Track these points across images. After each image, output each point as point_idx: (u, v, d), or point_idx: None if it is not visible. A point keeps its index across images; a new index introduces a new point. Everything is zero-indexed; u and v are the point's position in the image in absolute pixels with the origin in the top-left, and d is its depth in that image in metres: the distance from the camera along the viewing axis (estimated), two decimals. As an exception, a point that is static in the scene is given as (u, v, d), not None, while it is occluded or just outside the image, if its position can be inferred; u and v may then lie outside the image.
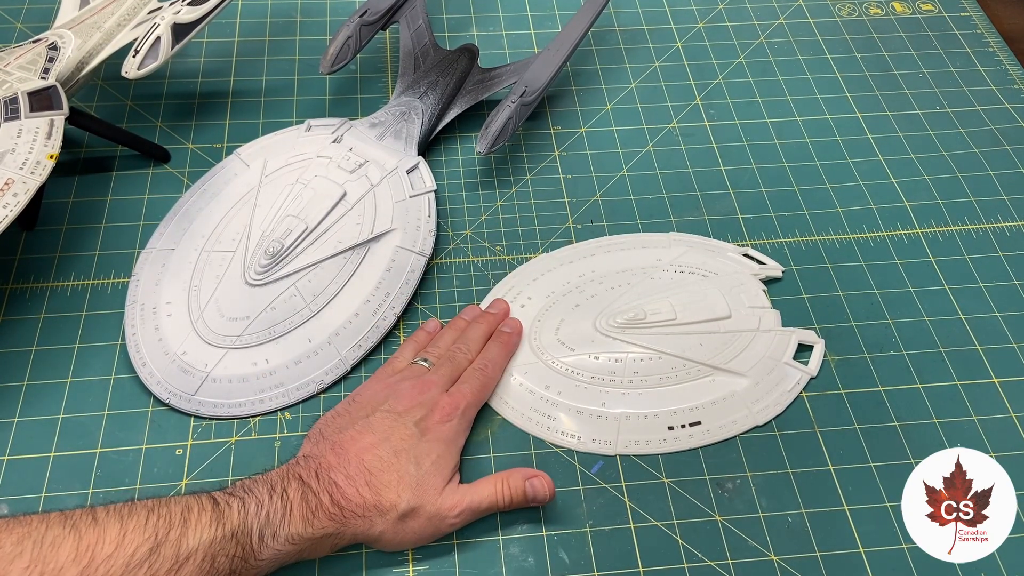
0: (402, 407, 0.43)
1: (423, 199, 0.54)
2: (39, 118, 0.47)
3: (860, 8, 0.72)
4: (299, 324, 0.48)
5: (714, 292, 0.51)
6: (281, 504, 0.37)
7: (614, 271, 0.53)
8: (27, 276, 0.51)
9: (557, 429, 0.47)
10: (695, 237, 0.55)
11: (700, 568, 0.42)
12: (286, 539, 0.36)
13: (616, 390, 0.48)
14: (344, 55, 0.57)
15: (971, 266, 0.55)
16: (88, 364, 0.48)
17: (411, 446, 0.41)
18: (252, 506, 0.36)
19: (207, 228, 0.52)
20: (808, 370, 0.49)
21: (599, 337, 0.49)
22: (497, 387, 0.48)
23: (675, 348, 0.49)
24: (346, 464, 0.40)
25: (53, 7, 0.61)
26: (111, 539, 0.33)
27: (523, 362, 0.49)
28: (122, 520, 0.33)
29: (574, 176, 0.59)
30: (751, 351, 0.49)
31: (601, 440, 0.46)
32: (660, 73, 0.66)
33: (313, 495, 0.38)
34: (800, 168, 0.60)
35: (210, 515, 0.35)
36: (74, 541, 0.32)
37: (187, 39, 0.53)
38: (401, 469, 0.40)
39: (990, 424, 0.48)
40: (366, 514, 0.39)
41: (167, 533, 0.34)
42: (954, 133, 0.62)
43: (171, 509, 0.35)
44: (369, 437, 0.41)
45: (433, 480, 0.40)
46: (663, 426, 0.47)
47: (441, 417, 0.43)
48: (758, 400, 0.48)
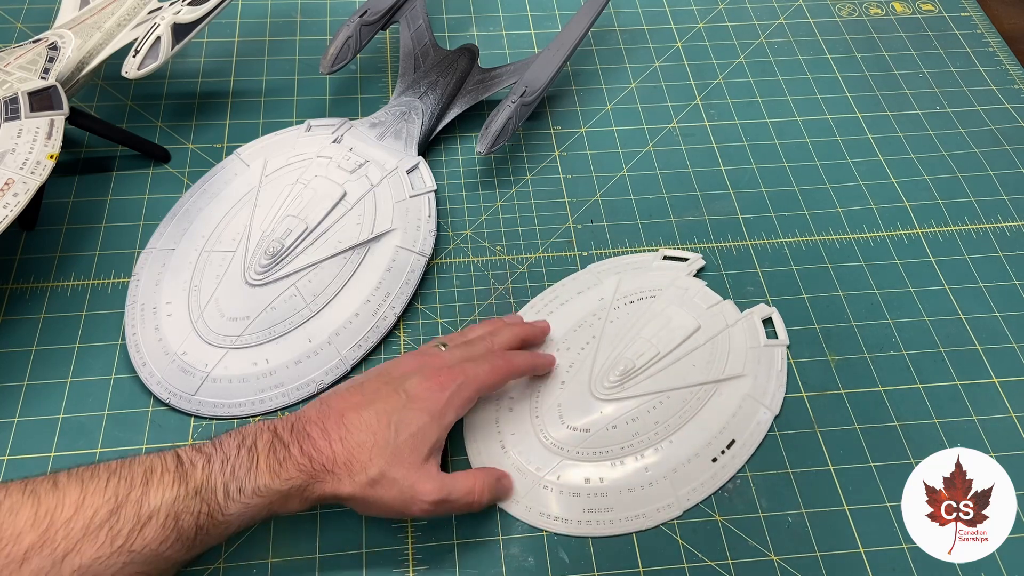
0: (397, 372, 0.41)
1: (423, 199, 0.54)
2: (39, 118, 0.47)
3: (860, 8, 0.72)
4: (299, 324, 0.49)
5: (674, 309, 0.50)
6: (248, 457, 0.36)
7: (571, 331, 0.50)
8: (27, 276, 0.51)
9: (622, 516, 0.43)
10: (611, 261, 0.54)
11: (700, 568, 0.42)
12: (253, 491, 0.36)
13: (649, 448, 0.45)
14: (344, 55, 0.57)
15: (971, 266, 0.55)
16: (88, 364, 0.48)
17: (394, 410, 0.39)
18: (218, 462, 0.36)
19: (207, 228, 0.52)
20: (781, 341, 0.50)
21: (603, 404, 0.46)
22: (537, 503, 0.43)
23: (676, 381, 0.47)
24: (325, 418, 0.39)
25: (53, 7, 0.61)
26: (71, 503, 0.32)
27: (553, 467, 0.45)
28: (82, 483, 0.33)
29: (574, 176, 0.59)
30: (735, 349, 0.49)
31: (664, 506, 0.44)
32: (660, 73, 0.66)
33: (283, 446, 0.37)
34: (800, 168, 0.60)
35: (173, 474, 0.34)
36: (32, 506, 0.32)
37: (187, 39, 0.53)
38: (379, 433, 0.38)
39: (990, 424, 0.48)
40: (335, 470, 0.37)
41: (128, 494, 0.33)
42: (954, 133, 0.62)
43: (133, 470, 0.34)
44: (356, 397, 0.40)
45: (409, 452, 0.39)
46: (707, 461, 0.45)
47: (433, 385, 0.40)
48: (765, 392, 0.48)
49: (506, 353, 0.45)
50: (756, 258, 0.54)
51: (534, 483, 0.44)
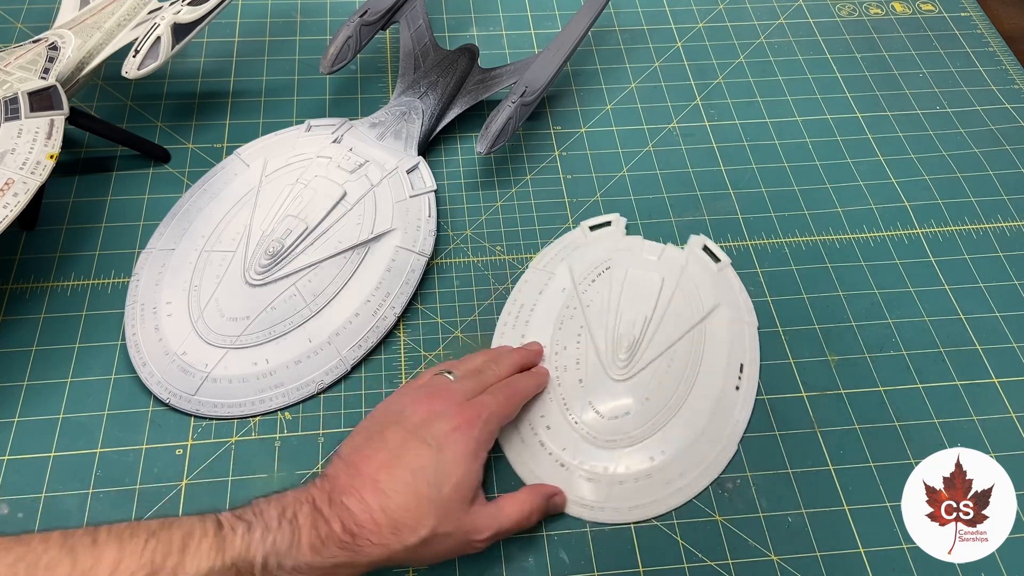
0: (417, 418, 0.40)
1: (423, 199, 0.54)
2: (39, 118, 0.47)
3: (860, 8, 0.72)
4: (299, 324, 0.49)
5: (635, 272, 0.52)
6: (290, 531, 0.35)
7: (557, 331, 0.50)
8: (27, 276, 0.51)
9: (675, 489, 0.45)
10: (550, 249, 0.54)
11: (700, 568, 0.42)
12: (293, 568, 0.35)
13: (675, 419, 0.46)
14: (344, 55, 0.57)
15: (971, 266, 0.55)
16: (88, 364, 0.48)
17: (429, 464, 0.38)
18: (258, 532, 0.34)
19: (207, 228, 0.52)
20: (724, 259, 0.53)
21: (625, 382, 0.47)
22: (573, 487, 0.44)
23: (676, 333, 0.49)
24: (360, 487, 0.37)
25: (53, 7, 0.61)
26: (106, 564, 0.32)
27: (590, 455, 0.45)
28: (121, 543, 0.32)
29: (574, 176, 0.59)
30: (700, 284, 0.52)
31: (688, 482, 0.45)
32: (660, 73, 0.66)
33: (324, 522, 0.36)
34: (800, 168, 0.60)
35: (211, 541, 0.34)
36: (70, 564, 0.31)
37: (187, 39, 0.53)
38: (420, 492, 0.37)
39: (990, 424, 0.48)
40: (382, 541, 0.36)
41: (164, 560, 0.32)
42: (954, 133, 0.62)
43: (172, 534, 0.33)
44: (383, 455, 0.38)
45: (456, 504, 0.38)
46: (731, 388, 0.48)
47: (459, 426, 0.39)
48: (739, 309, 0.51)
49: (513, 380, 0.45)
50: (756, 258, 0.54)
51: (571, 473, 0.45)
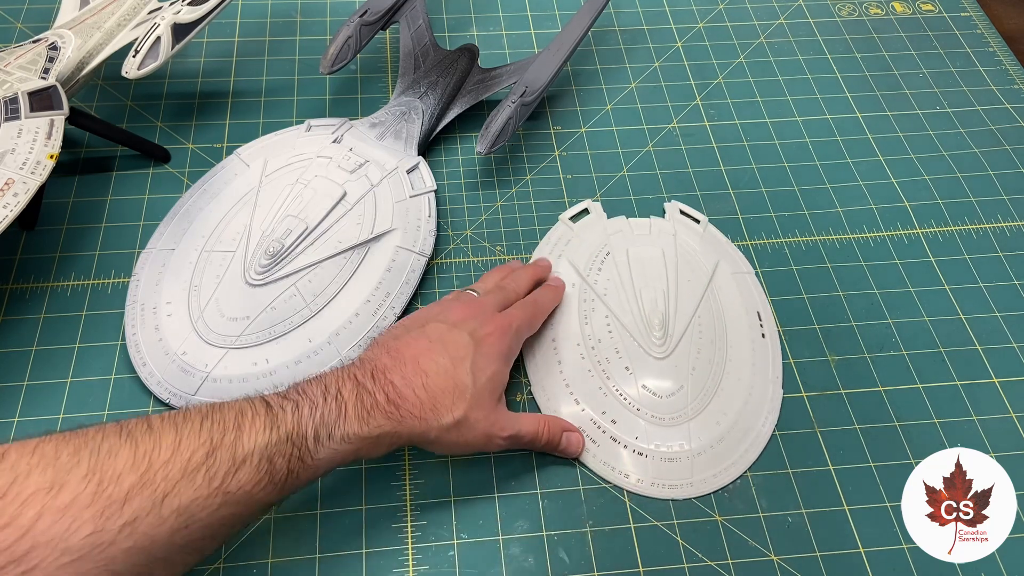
0: (456, 318, 0.43)
1: (423, 199, 0.54)
2: (39, 118, 0.47)
3: (860, 8, 0.72)
4: (299, 324, 0.49)
5: (647, 250, 0.53)
6: (336, 405, 0.37)
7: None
8: (27, 276, 0.51)
9: (697, 479, 0.45)
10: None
11: (700, 568, 0.42)
12: (342, 438, 0.36)
13: (714, 399, 0.48)
14: (344, 55, 0.57)
15: (971, 266, 0.55)
16: (88, 364, 0.48)
17: (467, 355, 0.41)
18: (306, 408, 0.36)
19: (207, 228, 0.52)
20: (703, 220, 0.55)
21: (665, 360, 0.48)
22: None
23: (709, 314, 0.51)
24: (402, 365, 0.40)
25: (53, 7, 0.61)
26: (167, 445, 0.33)
27: (656, 440, 0.46)
28: (176, 427, 0.33)
29: (574, 176, 0.59)
30: (699, 247, 0.54)
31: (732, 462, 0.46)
32: (660, 73, 0.66)
33: (368, 395, 0.38)
34: (800, 168, 0.60)
35: (264, 419, 0.35)
36: (131, 449, 0.32)
37: (187, 39, 0.53)
38: (457, 378, 0.40)
39: (990, 424, 0.48)
40: (423, 415, 0.39)
41: (222, 438, 0.34)
42: (954, 133, 0.62)
43: (224, 415, 0.35)
44: (424, 342, 0.41)
45: (488, 396, 0.41)
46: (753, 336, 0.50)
47: (496, 330, 0.43)
48: (743, 260, 0.54)
49: (535, 296, 0.48)
50: (756, 258, 0.54)
51: (611, 441, 0.46)
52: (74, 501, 0.30)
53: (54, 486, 0.30)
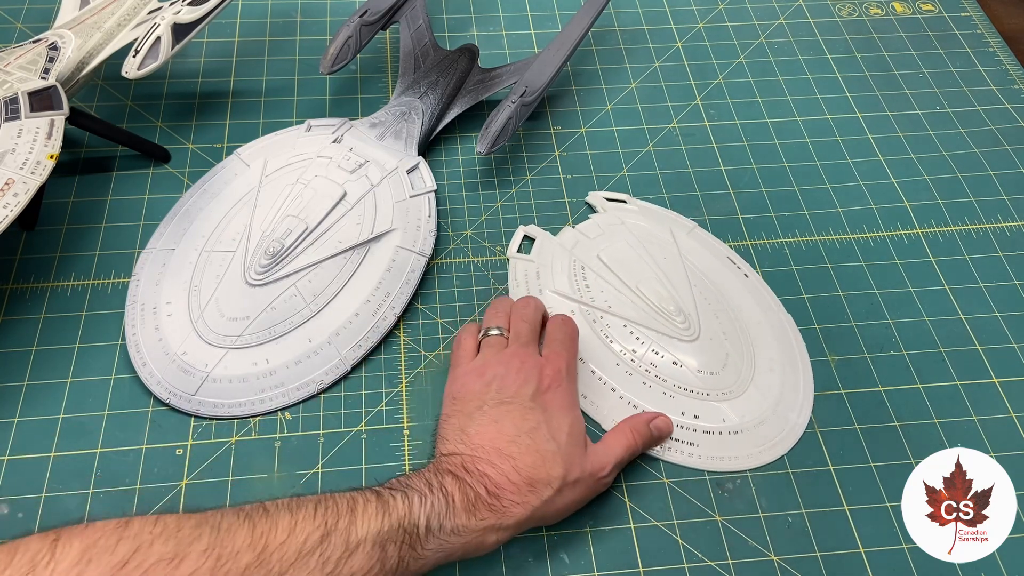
0: (511, 391, 0.42)
1: (423, 199, 0.54)
2: (39, 118, 0.47)
3: (860, 8, 0.72)
4: (299, 324, 0.49)
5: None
6: (443, 496, 0.37)
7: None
8: (27, 276, 0.51)
9: (744, 453, 0.46)
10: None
11: (700, 568, 0.42)
12: (452, 530, 0.37)
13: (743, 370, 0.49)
14: (344, 55, 0.57)
15: (971, 266, 0.55)
16: (88, 364, 0.48)
17: (540, 422, 0.41)
18: (415, 498, 0.37)
19: (207, 228, 0.52)
20: (628, 198, 0.56)
21: (692, 342, 0.49)
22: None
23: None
24: (487, 455, 0.40)
25: (53, 7, 0.61)
26: (283, 528, 0.33)
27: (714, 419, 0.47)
28: (292, 511, 0.34)
29: (574, 176, 0.59)
30: (655, 222, 0.55)
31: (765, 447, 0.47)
32: (660, 73, 0.66)
33: (469, 487, 0.38)
34: (800, 168, 0.60)
35: (375, 506, 0.35)
36: (248, 528, 0.33)
37: (187, 39, 0.53)
38: (541, 448, 0.40)
39: (990, 424, 0.48)
40: (524, 500, 0.39)
41: (336, 522, 0.34)
42: (954, 133, 0.62)
43: (337, 501, 0.35)
44: (492, 428, 0.41)
45: (575, 450, 0.41)
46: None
47: (551, 384, 0.43)
48: (678, 216, 0.55)
49: (557, 329, 0.47)
50: (756, 258, 0.54)
51: (704, 435, 0.47)
52: (193, 574, 0.30)
53: (176, 557, 0.31)
